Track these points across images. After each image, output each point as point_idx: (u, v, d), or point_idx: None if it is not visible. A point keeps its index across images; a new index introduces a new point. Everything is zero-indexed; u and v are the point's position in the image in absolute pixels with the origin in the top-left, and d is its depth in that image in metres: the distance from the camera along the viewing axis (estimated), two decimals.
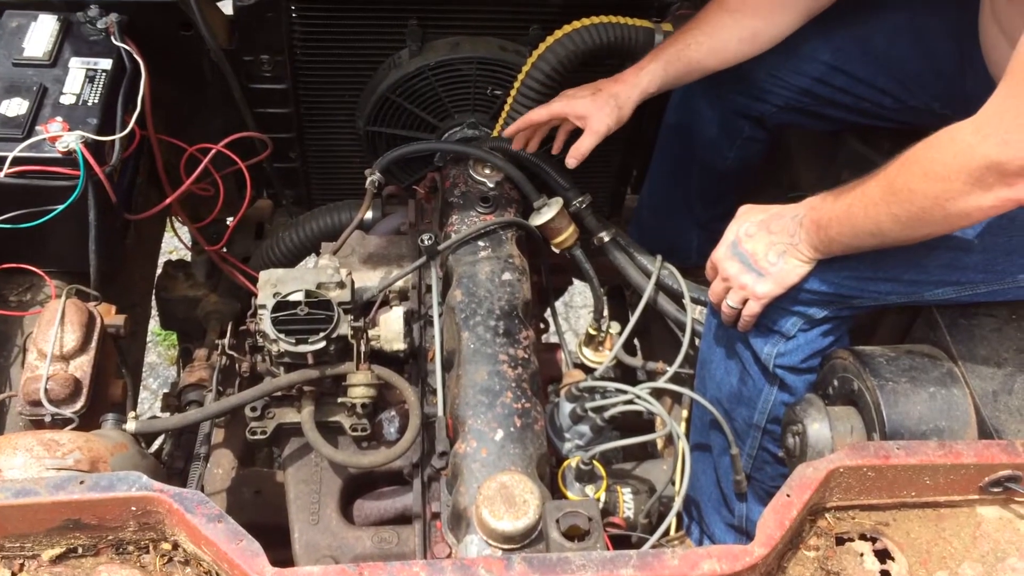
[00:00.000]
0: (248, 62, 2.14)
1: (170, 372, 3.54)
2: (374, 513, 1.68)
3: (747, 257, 1.59)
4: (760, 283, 1.58)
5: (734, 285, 1.62)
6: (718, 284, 1.66)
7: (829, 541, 1.29)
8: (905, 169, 1.34)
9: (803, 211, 1.55)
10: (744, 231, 1.62)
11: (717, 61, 1.86)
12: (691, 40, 1.84)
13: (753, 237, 1.60)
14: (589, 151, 1.89)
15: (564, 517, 1.32)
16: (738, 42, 1.83)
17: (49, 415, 1.55)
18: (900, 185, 1.35)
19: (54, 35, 1.87)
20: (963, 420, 1.56)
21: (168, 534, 1.22)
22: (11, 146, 1.67)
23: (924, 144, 1.33)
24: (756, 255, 1.58)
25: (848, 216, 1.45)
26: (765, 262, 1.57)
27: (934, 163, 1.29)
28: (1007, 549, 1.30)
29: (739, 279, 1.60)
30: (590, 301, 2.60)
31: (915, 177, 1.32)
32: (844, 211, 1.46)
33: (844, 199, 1.46)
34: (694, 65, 1.86)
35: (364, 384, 1.61)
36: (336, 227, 2.21)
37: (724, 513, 1.98)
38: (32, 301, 1.85)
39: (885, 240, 1.44)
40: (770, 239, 1.58)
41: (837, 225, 1.48)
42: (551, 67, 2.00)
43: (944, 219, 1.33)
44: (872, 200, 1.40)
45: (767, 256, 1.57)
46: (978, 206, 1.28)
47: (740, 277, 1.60)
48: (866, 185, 1.42)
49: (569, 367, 2.07)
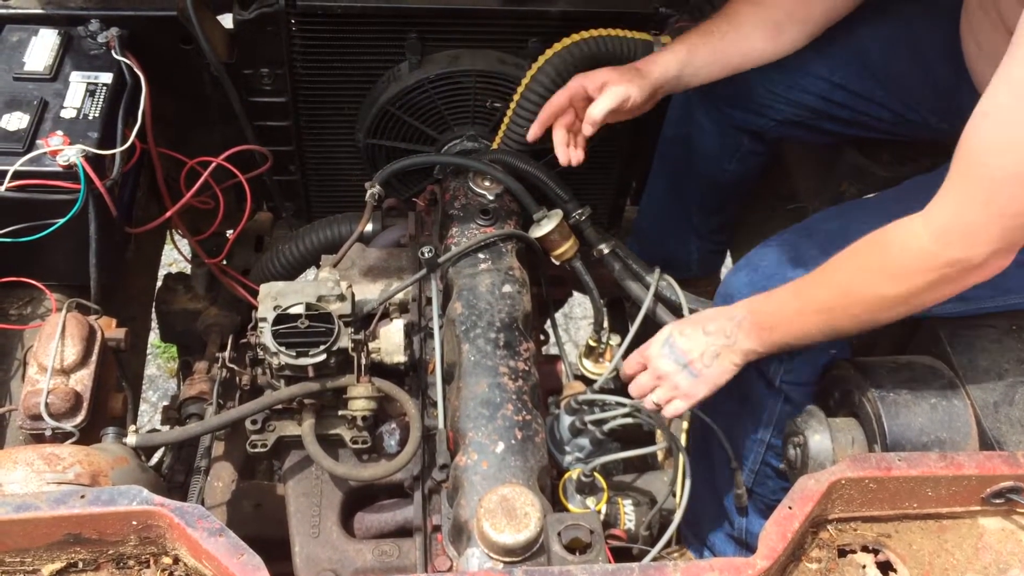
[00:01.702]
0: (248, 75, 2.14)
1: (170, 385, 3.54)
2: (375, 526, 1.68)
3: (682, 356, 1.60)
4: (694, 386, 1.59)
5: (666, 384, 1.62)
6: (647, 379, 1.66)
7: (831, 553, 1.29)
8: (862, 274, 1.37)
9: (741, 313, 1.56)
10: (678, 330, 1.62)
11: (739, 54, 1.81)
12: (715, 28, 1.80)
13: (688, 336, 1.60)
14: (604, 113, 1.77)
15: (566, 530, 1.32)
16: (761, 36, 1.78)
17: (49, 429, 1.55)
18: (857, 289, 1.37)
19: (55, 49, 1.87)
20: (964, 431, 1.56)
21: (169, 548, 1.22)
22: (12, 160, 1.67)
23: (876, 246, 1.34)
24: (691, 355, 1.59)
25: (800, 320, 1.47)
26: (700, 364, 1.58)
27: (896, 268, 1.31)
28: (1009, 560, 1.29)
29: (672, 379, 1.61)
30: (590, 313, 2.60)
31: (876, 282, 1.34)
32: (794, 315, 1.47)
33: (791, 304, 1.47)
34: (718, 55, 1.80)
35: (365, 397, 1.61)
36: (336, 240, 2.21)
37: (725, 525, 1.98)
38: (32, 315, 1.84)
39: (840, 335, 1.46)
40: (706, 340, 1.58)
41: (786, 328, 1.50)
42: (550, 79, 2.01)
43: (909, 310, 1.36)
44: (826, 305, 1.42)
45: (702, 358, 1.58)
46: (944, 294, 1.32)
47: (674, 377, 1.61)
48: (814, 289, 1.43)
49: (569, 379, 2.07)
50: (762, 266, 1.71)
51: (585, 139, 1.86)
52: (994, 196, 1.20)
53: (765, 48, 1.81)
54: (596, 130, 1.81)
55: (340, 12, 2.04)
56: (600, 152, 2.43)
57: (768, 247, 1.76)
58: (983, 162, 1.20)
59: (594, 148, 2.38)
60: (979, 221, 1.22)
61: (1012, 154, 1.16)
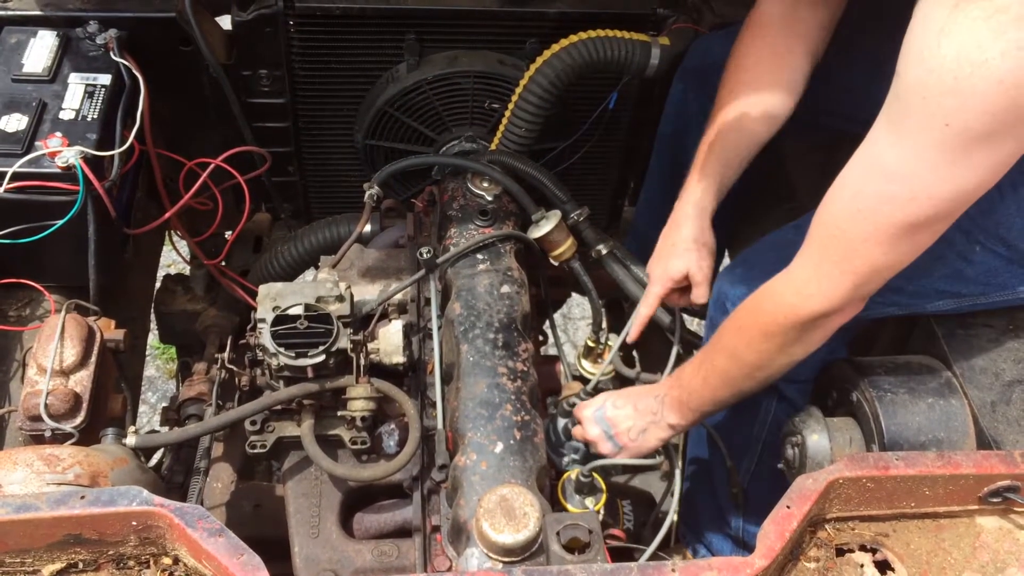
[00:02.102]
0: (247, 77, 2.15)
1: (168, 386, 3.54)
2: (374, 526, 1.68)
3: (609, 426, 1.73)
4: (619, 455, 1.75)
5: (594, 446, 1.77)
6: (579, 434, 1.80)
7: (829, 552, 1.29)
8: (743, 335, 1.51)
9: (664, 391, 1.68)
10: (611, 402, 1.75)
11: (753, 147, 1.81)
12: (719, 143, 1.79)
13: (619, 409, 1.73)
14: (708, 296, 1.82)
15: (564, 530, 1.32)
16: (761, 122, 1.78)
17: (49, 430, 1.55)
18: (743, 351, 1.51)
19: (53, 51, 1.87)
20: (962, 431, 1.57)
21: (169, 549, 1.22)
22: (10, 161, 1.68)
23: (750, 311, 1.50)
24: (618, 426, 1.72)
25: (707, 389, 1.59)
26: (626, 437, 1.72)
27: (769, 325, 1.45)
28: (1007, 559, 1.30)
29: (600, 445, 1.75)
30: (588, 313, 2.61)
31: (755, 340, 1.48)
32: (701, 385, 1.60)
33: (697, 374, 1.60)
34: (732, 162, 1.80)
35: (363, 397, 1.61)
36: (335, 240, 2.21)
37: (722, 525, 1.98)
38: (31, 316, 1.85)
39: (745, 394, 1.59)
40: (635, 416, 1.71)
41: (698, 398, 1.62)
42: (548, 81, 2.01)
43: (789, 359, 1.49)
44: (722, 370, 1.56)
45: (628, 432, 1.71)
46: (812, 340, 1.45)
47: (600, 444, 1.75)
48: (711, 357, 1.58)
49: (568, 379, 2.07)
50: (758, 264, 1.71)
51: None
52: (848, 256, 1.33)
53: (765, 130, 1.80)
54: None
55: (338, 13, 2.04)
56: (598, 153, 2.43)
57: (764, 245, 1.76)
58: (840, 228, 1.32)
59: (592, 149, 2.39)
60: (834, 278, 1.35)
61: (863, 222, 1.28)
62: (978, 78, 1.08)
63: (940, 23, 1.10)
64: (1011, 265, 1.52)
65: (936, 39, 1.10)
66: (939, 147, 1.16)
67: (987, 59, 1.06)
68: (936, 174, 1.19)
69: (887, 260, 1.32)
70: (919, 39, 1.14)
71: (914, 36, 1.15)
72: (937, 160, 1.18)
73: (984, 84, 1.08)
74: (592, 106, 2.27)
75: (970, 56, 1.07)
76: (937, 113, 1.13)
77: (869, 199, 1.27)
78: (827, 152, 2.13)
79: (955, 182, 1.20)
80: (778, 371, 1.53)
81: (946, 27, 1.09)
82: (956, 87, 1.10)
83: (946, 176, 1.19)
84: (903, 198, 1.23)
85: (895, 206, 1.24)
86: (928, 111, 1.14)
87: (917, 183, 1.21)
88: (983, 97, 1.09)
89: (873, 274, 1.34)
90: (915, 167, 1.20)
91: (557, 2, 2.11)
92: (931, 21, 1.12)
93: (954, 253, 1.49)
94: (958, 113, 1.12)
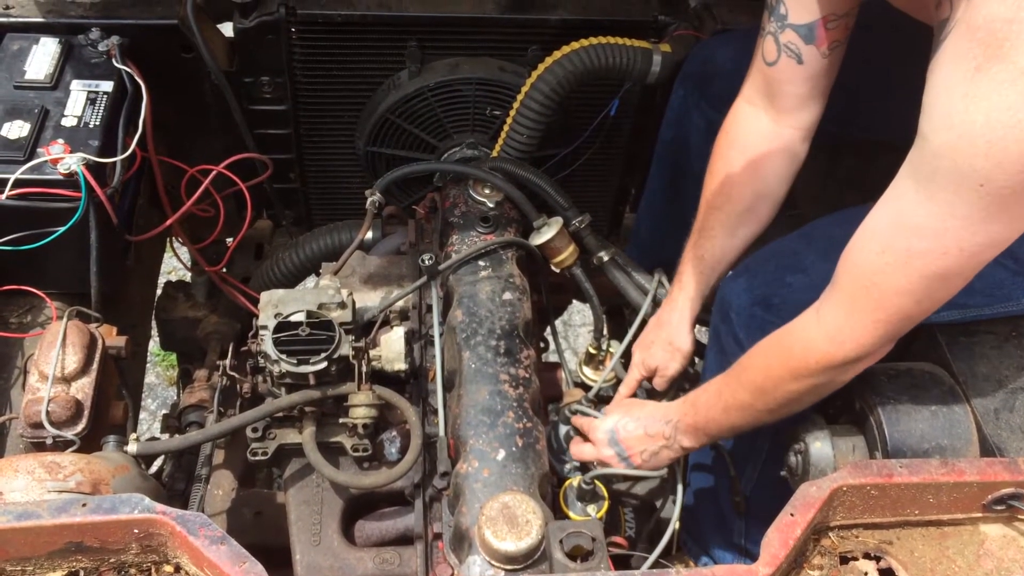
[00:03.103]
0: (248, 84, 2.15)
1: (169, 393, 3.53)
2: (376, 534, 1.67)
3: (623, 449, 1.75)
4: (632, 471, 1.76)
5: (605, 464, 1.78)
6: (589, 454, 1.81)
7: (833, 560, 1.29)
8: (771, 375, 1.50)
9: (676, 416, 1.68)
10: (623, 425, 1.76)
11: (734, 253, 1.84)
12: (702, 251, 1.84)
13: (631, 433, 1.75)
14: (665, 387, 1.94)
15: (567, 537, 1.32)
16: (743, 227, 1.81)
17: (50, 437, 1.55)
18: (770, 389, 1.51)
19: (55, 58, 1.87)
20: (965, 438, 1.56)
21: (170, 556, 1.22)
22: (13, 168, 1.68)
23: (779, 349, 1.49)
24: (631, 450, 1.74)
25: (725, 418, 1.60)
26: (639, 459, 1.74)
27: (798, 369, 1.45)
28: (1011, 567, 1.29)
29: (612, 464, 1.77)
30: (590, 320, 2.60)
31: (784, 381, 1.48)
32: (720, 414, 1.61)
33: (716, 404, 1.61)
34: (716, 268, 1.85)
35: (365, 404, 1.61)
36: (336, 247, 2.21)
37: (725, 532, 1.97)
38: (33, 323, 1.84)
39: (758, 425, 1.60)
40: (647, 440, 1.73)
41: (716, 427, 1.63)
42: (550, 87, 2.01)
43: (816, 397, 1.51)
44: (745, 403, 1.55)
45: (642, 455, 1.73)
46: (842, 380, 1.46)
47: (614, 463, 1.77)
48: (733, 389, 1.58)
49: (569, 386, 2.07)
50: (761, 272, 1.71)
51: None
52: (881, 306, 1.33)
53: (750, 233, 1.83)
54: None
55: (340, 20, 2.04)
56: (599, 159, 2.44)
57: (766, 253, 1.76)
58: (871, 280, 1.32)
59: (593, 156, 2.40)
60: (867, 326, 1.35)
61: (893, 275, 1.28)
62: (1011, 140, 1.07)
63: (964, 88, 1.10)
64: (1017, 277, 1.52)
65: (963, 104, 1.10)
66: (974, 206, 1.16)
67: (1019, 120, 1.06)
68: (969, 230, 1.19)
69: (920, 308, 1.32)
70: (943, 104, 1.14)
71: (937, 100, 1.15)
72: (972, 217, 1.17)
73: (1017, 145, 1.08)
74: (593, 113, 2.27)
75: (1001, 119, 1.07)
76: (970, 175, 1.13)
77: (899, 254, 1.27)
78: (829, 159, 2.13)
79: (989, 235, 1.20)
80: (802, 407, 1.54)
81: (971, 91, 1.09)
82: (989, 150, 1.09)
83: (980, 231, 1.19)
84: (935, 253, 1.23)
85: (926, 260, 1.24)
86: (961, 173, 1.14)
87: (949, 238, 1.21)
88: (1018, 157, 1.09)
89: (905, 321, 1.34)
90: (948, 224, 1.19)
91: (558, 9, 2.11)
92: (953, 85, 1.12)
93: None
94: (993, 175, 1.11)
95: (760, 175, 1.74)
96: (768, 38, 1.62)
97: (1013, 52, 1.05)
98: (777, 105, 1.68)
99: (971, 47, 1.09)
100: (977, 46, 1.08)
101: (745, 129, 1.74)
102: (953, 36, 1.12)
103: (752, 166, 1.73)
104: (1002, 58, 1.06)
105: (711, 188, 1.81)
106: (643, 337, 1.95)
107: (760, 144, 1.72)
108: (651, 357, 1.90)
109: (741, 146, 1.75)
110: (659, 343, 1.90)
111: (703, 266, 1.84)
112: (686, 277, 1.86)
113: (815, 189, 2.22)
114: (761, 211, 1.78)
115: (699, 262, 1.84)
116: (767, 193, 1.76)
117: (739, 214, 1.78)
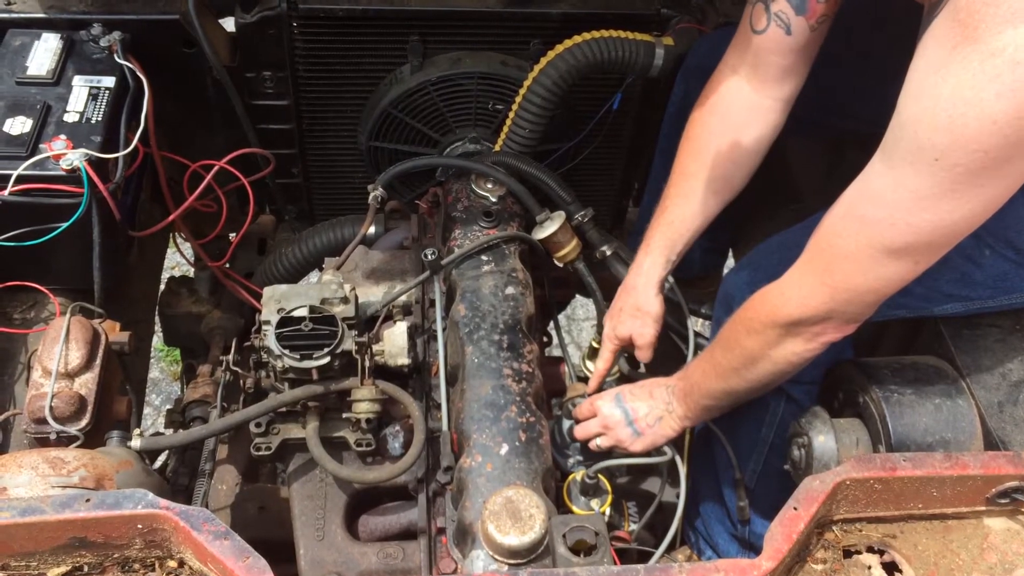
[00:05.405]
0: (250, 79, 2.15)
1: (173, 388, 3.54)
2: (379, 529, 1.68)
3: (630, 412, 1.75)
4: (636, 442, 1.75)
5: (611, 433, 1.77)
6: (594, 425, 1.79)
7: (836, 554, 1.29)
8: (734, 328, 1.55)
9: (674, 382, 1.72)
10: (628, 391, 1.78)
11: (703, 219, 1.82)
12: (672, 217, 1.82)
13: (637, 397, 1.76)
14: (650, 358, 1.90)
15: (571, 532, 1.32)
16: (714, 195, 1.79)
17: (54, 433, 1.55)
18: (732, 343, 1.56)
19: (57, 53, 1.87)
20: (969, 431, 1.56)
21: (174, 551, 1.22)
22: (15, 164, 1.68)
23: (744, 307, 1.54)
24: (638, 413, 1.75)
25: (704, 380, 1.64)
26: (644, 423, 1.74)
27: (752, 321, 1.50)
28: (1015, 561, 1.29)
29: (618, 431, 1.76)
30: (593, 314, 2.60)
31: (741, 334, 1.53)
32: (701, 377, 1.64)
33: (700, 367, 1.65)
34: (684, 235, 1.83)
35: (368, 399, 1.61)
36: (339, 242, 2.21)
37: (728, 526, 1.97)
38: (36, 319, 1.85)
39: (738, 396, 1.62)
40: (651, 403, 1.74)
41: (698, 391, 1.65)
42: (552, 81, 2.01)
43: (773, 365, 1.51)
44: (716, 361, 1.60)
45: (647, 418, 1.74)
46: (793, 351, 1.48)
47: (619, 429, 1.76)
48: (712, 350, 1.63)
49: (572, 380, 2.07)
50: (763, 265, 1.71)
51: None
52: (828, 269, 1.37)
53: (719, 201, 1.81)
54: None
55: (342, 15, 2.04)
56: (602, 153, 2.43)
57: (770, 246, 1.76)
58: (828, 242, 1.37)
59: (596, 149, 2.39)
60: (812, 287, 1.40)
61: (846, 239, 1.33)
62: (971, 117, 1.10)
63: (938, 63, 1.13)
64: (1020, 269, 1.52)
65: (934, 77, 1.14)
66: (925, 179, 1.19)
67: (982, 99, 1.09)
68: (919, 204, 1.22)
69: (865, 281, 1.35)
70: (919, 76, 1.17)
71: (915, 73, 1.19)
72: (922, 191, 1.20)
73: (977, 123, 1.10)
74: (596, 107, 2.27)
75: (964, 96, 1.10)
76: (928, 149, 1.16)
77: (855, 220, 1.32)
78: (834, 153, 2.13)
79: (938, 214, 1.22)
80: (765, 375, 1.55)
81: (944, 67, 1.12)
82: (949, 124, 1.12)
83: (929, 207, 1.22)
84: (884, 222, 1.27)
85: (875, 229, 1.29)
86: (919, 146, 1.17)
87: (898, 209, 1.24)
88: (975, 136, 1.11)
89: (850, 292, 1.37)
90: (899, 195, 1.23)
91: (561, 3, 2.10)
92: (931, 60, 1.15)
93: (963, 257, 1.49)
94: (949, 151, 1.14)
95: (739, 144, 1.73)
96: (758, 6, 1.62)
97: (987, 34, 1.08)
98: (760, 75, 1.68)
99: (952, 27, 1.12)
100: (957, 26, 1.11)
101: (727, 97, 1.73)
102: (940, 17, 1.15)
103: (731, 134, 1.73)
104: (976, 39, 1.09)
105: (687, 153, 1.80)
106: (612, 306, 1.92)
107: (741, 113, 1.72)
108: (621, 325, 1.88)
109: (722, 114, 1.74)
110: (627, 309, 1.87)
111: (672, 232, 1.82)
112: (654, 242, 1.84)
113: (818, 182, 2.22)
114: (735, 180, 1.78)
115: (668, 228, 1.83)
116: (743, 162, 1.76)
117: (714, 181, 1.77)
